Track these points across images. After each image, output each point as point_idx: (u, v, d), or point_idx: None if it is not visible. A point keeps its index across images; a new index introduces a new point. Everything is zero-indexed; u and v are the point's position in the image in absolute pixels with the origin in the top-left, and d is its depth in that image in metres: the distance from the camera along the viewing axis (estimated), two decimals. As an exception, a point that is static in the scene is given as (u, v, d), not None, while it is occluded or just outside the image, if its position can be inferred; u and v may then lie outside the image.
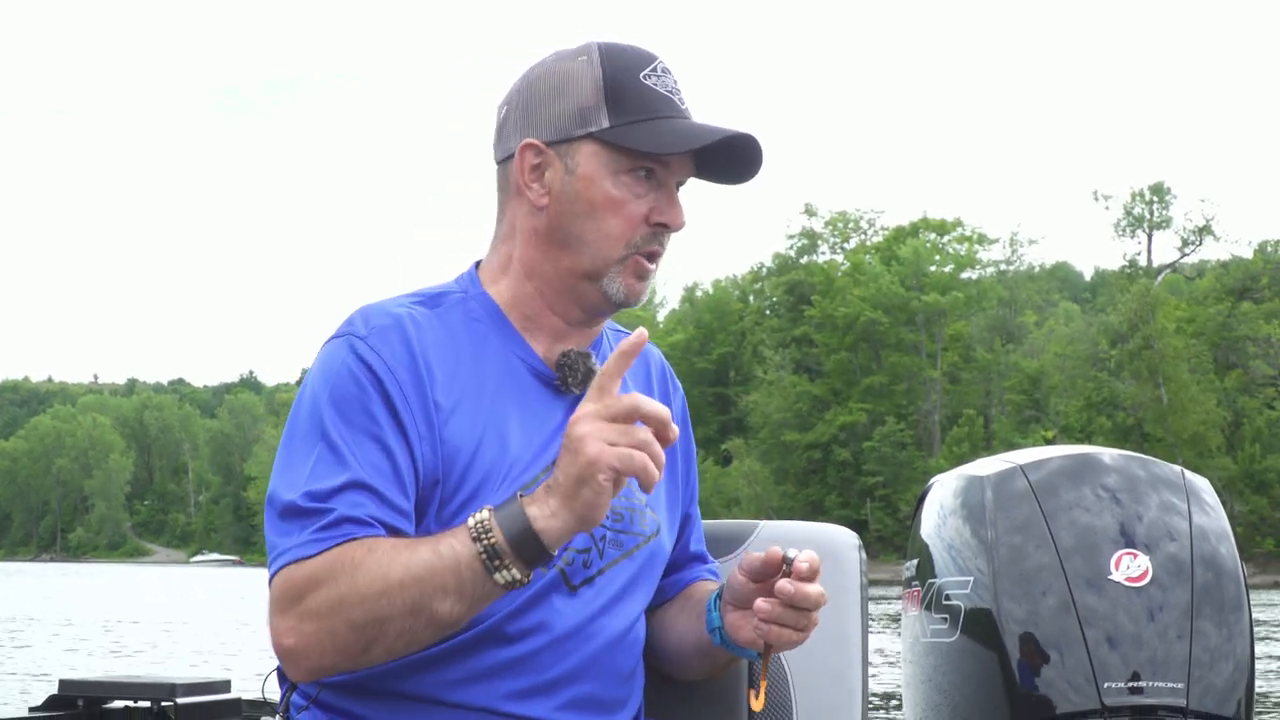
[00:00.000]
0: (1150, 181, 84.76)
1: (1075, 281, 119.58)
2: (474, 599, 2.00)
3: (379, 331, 2.17)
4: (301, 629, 2.00)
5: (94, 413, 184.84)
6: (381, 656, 2.03)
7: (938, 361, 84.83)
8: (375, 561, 1.98)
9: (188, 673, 15.16)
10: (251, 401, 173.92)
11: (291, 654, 2.03)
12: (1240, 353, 72.98)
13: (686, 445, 2.50)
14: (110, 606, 41.29)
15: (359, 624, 1.98)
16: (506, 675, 2.15)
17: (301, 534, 2.03)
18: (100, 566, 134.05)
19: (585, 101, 2.20)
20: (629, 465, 1.91)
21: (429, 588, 1.97)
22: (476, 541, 1.96)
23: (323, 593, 1.99)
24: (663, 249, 2.25)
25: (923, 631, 3.32)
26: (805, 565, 2.06)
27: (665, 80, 2.23)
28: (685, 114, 2.23)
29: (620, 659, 2.26)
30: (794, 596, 2.05)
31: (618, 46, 2.25)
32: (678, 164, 2.23)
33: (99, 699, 3.55)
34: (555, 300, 2.27)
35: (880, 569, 58.33)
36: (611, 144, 2.19)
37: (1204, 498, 3.20)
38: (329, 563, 2.00)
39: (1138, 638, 2.95)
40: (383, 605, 1.97)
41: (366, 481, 2.06)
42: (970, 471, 3.31)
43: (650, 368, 2.48)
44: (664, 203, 2.22)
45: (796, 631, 2.10)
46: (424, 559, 1.98)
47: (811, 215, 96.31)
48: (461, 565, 1.97)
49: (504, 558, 1.96)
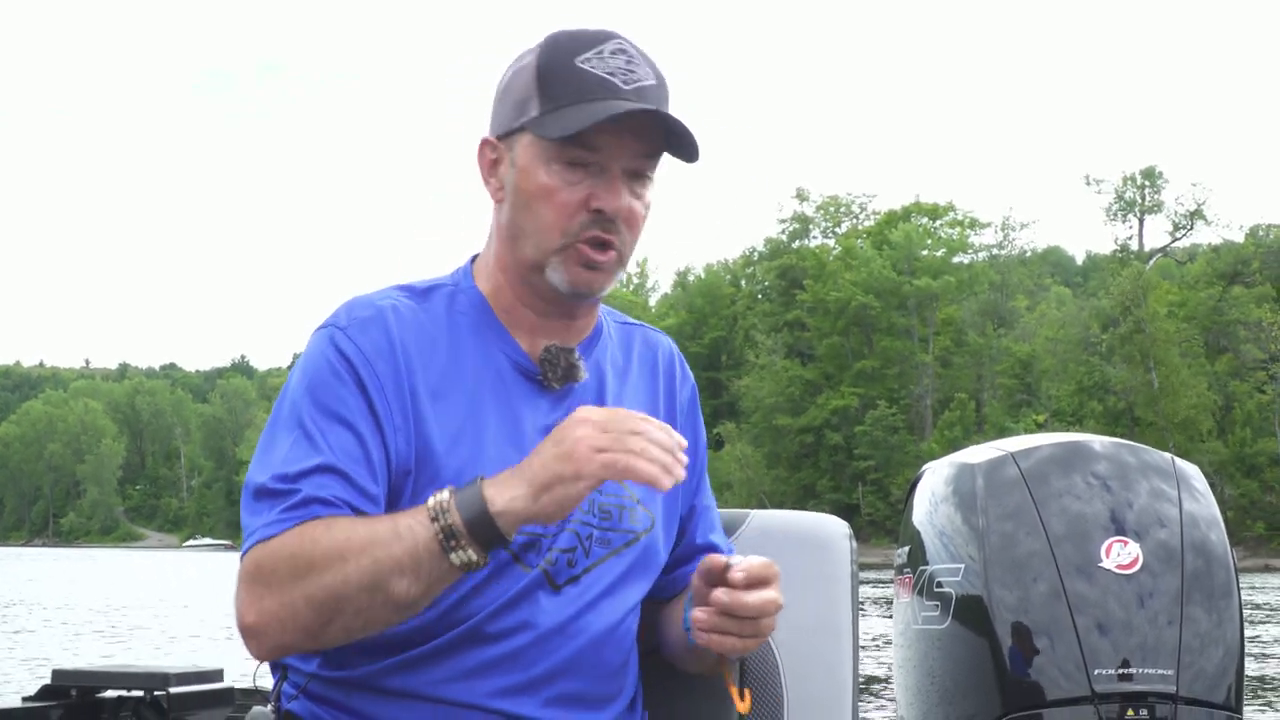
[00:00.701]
0: (1142, 166, 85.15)
1: (1067, 266, 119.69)
2: (430, 579, 1.99)
3: (359, 323, 2.18)
4: (262, 606, 2.00)
5: (86, 398, 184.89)
6: (340, 635, 2.02)
7: (929, 346, 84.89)
8: (333, 538, 1.98)
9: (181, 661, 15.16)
10: (243, 386, 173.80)
11: (252, 631, 2.02)
12: (1231, 337, 73.05)
13: (695, 436, 2.47)
14: (103, 593, 41.26)
15: (317, 600, 1.97)
16: (492, 673, 2.14)
17: (269, 514, 2.04)
18: (93, 551, 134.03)
19: (523, 93, 2.19)
20: (612, 470, 1.93)
21: (385, 566, 1.96)
22: (434, 521, 1.96)
23: (282, 569, 1.99)
24: (613, 235, 2.18)
25: (914, 618, 3.33)
26: (740, 575, 2.03)
27: (609, 61, 2.16)
28: (621, 94, 2.15)
29: (608, 655, 2.25)
30: (729, 605, 2.03)
31: (566, 33, 2.20)
32: (614, 148, 2.16)
33: (92, 689, 3.55)
34: (522, 293, 2.26)
35: (872, 553, 58.40)
36: (535, 132, 2.16)
37: (1194, 484, 3.20)
38: (290, 540, 2.00)
39: (1128, 624, 2.96)
40: (339, 582, 1.97)
41: (336, 465, 2.07)
42: (961, 459, 3.32)
43: (658, 358, 2.46)
44: (602, 188, 2.16)
45: (741, 639, 2.07)
46: (382, 537, 1.98)
47: (803, 199, 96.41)
48: (419, 545, 1.96)
49: (460, 539, 1.95)
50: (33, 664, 18.11)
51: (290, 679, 2.25)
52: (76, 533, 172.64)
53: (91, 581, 51.53)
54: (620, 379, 2.37)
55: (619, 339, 2.42)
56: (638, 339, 2.46)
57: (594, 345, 2.35)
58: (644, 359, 2.44)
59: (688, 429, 2.45)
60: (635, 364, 2.42)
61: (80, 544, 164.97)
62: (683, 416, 2.46)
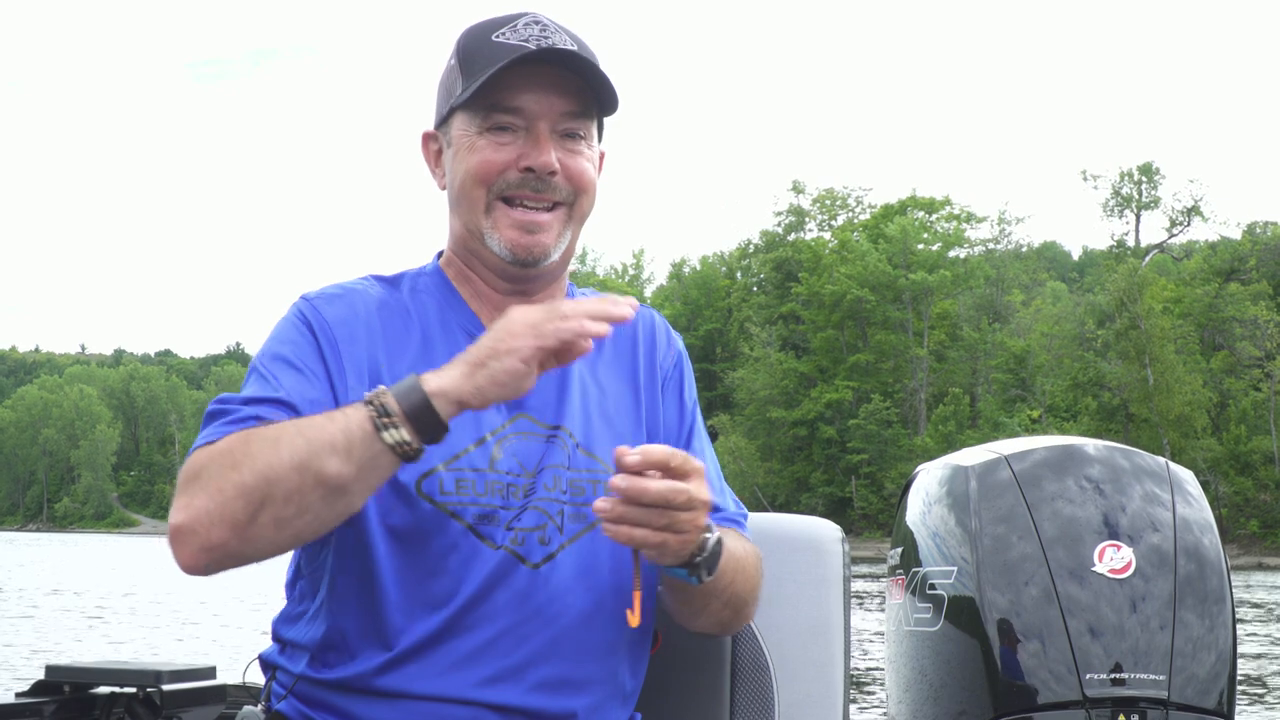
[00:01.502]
0: (1139, 162, 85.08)
1: (1063, 261, 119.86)
2: (362, 459, 1.94)
3: (327, 297, 2.26)
4: (193, 503, 1.95)
5: (81, 383, 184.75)
6: (270, 526, 1.95)
7: (924, 340, 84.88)
8: (268, 431, 1.98)
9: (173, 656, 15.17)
10: (238, 373, 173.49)
11: (180, 531, 1.96)
12: (1227, 334, 73.07)
13: (680, 402, 2.45)
14: (97, 581, 41.25)
15: (247, 486, 1.93)
16: (473, 663, 2.14)
17: (212, 428, 2.05)
18: (86, 537, 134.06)
19: (450, 79, 2.28)
20: (543, 337, 1.93)
21: (316, 445, 1.93)
22: (368, 405, 1.95)
23: (215, 464, 1.96)
24: (547, 193, 2.23)
25: (906, 619, 3.33)
26: (635, 458, 1.97)
27: (523, 31, 2.22)
28: (534, 52, 2.19)
29: (593, 635, 2.23)
30: (626, 490, 1.96)
31: (483, 20, 2.28)
32: (536, 106, 2.21)
33: (85, 685, 3.55)
34: (475, 267, 2.32)
35: (864, 546, 58.51)
36: (468, 105, 2.23)
37: (1188, 489, 3.20)
38: (231, 440, 1.99)
39: (1120, 629, 2.96)
40: (270, 463, 1.93)
41: (287, 399, 2.10)
42: (955, 461, 3.31)
43: (638, 329, 2.45)
44: (528, 147, 2.21)
45: (654, 532, 2.00)
46: (315, 421, 1.97)
47: (799, 192, 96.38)
48: (351, 424, 1.94)
49: (393, 415, 1.93)
50: (25, 657, 18.13)
51: (278, 679, 2.26)
52: (70, 518, 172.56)
53: (84, 569, 51.52)
54: (595, 351, 2.33)
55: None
56: None
57: None
58: (621, 331, 2.42)
59: (673, 391, 2.45)
60: (611, 336, 2.39)
61: (74, 529, 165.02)
62: (667, 380, 2.44)
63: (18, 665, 17.18)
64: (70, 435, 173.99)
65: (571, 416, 2.29)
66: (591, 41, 2.29)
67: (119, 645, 20.66)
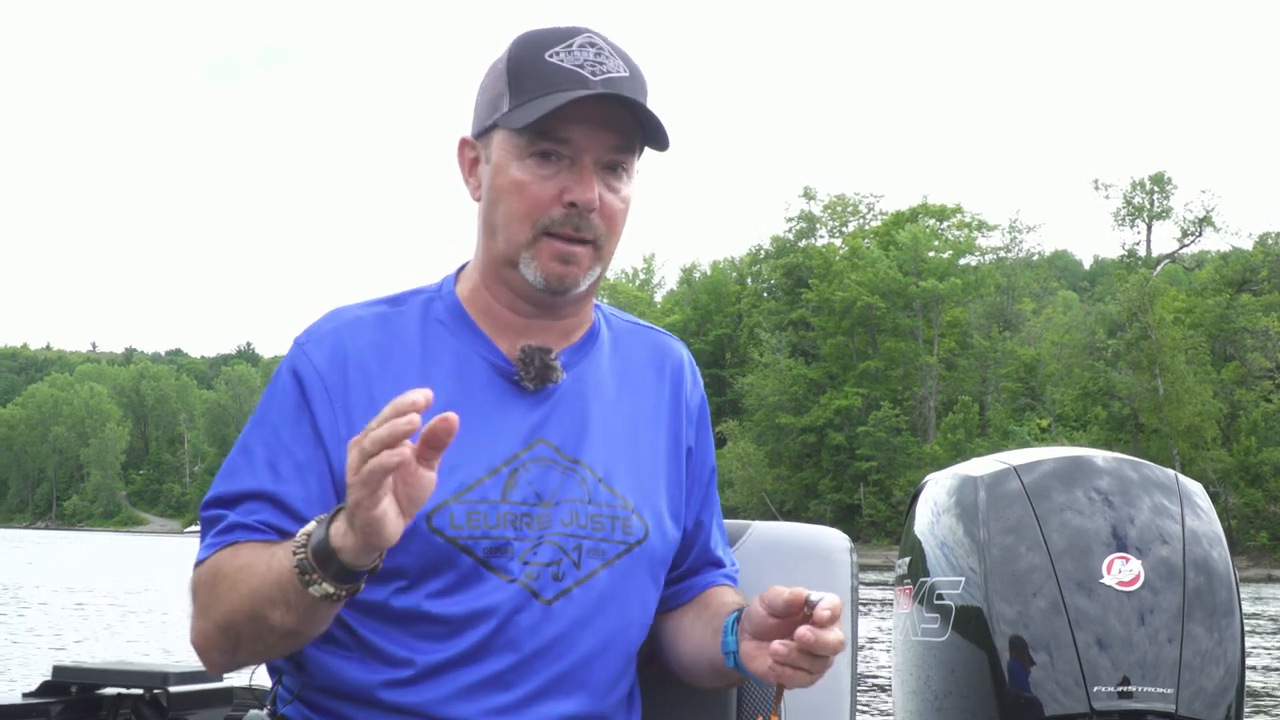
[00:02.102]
0: (1151, 171, 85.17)
1: (1074, 270, 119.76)
2: (300, 609, 1.97)
3: (317, 339, 2.23)
4: (194, 627, 2.12)
5: (91, 381, 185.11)
6: (250, 658, 2.13)
7: (934, 347, 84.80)
8: (231, 568, 2.06)
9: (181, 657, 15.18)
10: (248, 373, 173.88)
11: (195, 648, 2.14)
12: (1238, 345, 72.92)
13: (703, 448, 2.45)
14: (105, 580, 41.28)
15: (221, 626, 2.07)
16: (484, 692, 2.14)
17: (206, 538, 2.15)
18: (95, 535, 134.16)
19: (495, 90, 2.19)
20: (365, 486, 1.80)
21: (261, 599, 2.00)
22: (294, 555, 1.94)
23: (199, 596, 2.12)
24: (586, 231, 2.17)
25: (914, 629, 3.32)
26: (827, 613, 1.98)
27: (579, 54, 2.15)
28: (589, 84, 2.13)
29: (603, 671, 2.23)
30: (813, 645, 1.97)
31: (537, 30, 2.20)
32: (585, 139, 2.14)
33: (92, 685, 3.56)
34: (499, 293, 2.25)
35: (872, 554, 58.44)
36: (505, 126, 2.16)
37: (1197, 501, 3.19)
38: (209, 568, 2.10)
39: (1128, 641, 2.95)
40: (232, 612, 2.05)
41: (263, 489, 2.14)
42: (964, 471, 3.30)
43: (666, 362, 2.42)
44: (573, 181, 2.14)
45: (810, 675, 2.03)
46: (260, 570, 2.01)
47: (810, 199, 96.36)
48: (284, 578, 1.96)
49: (313, 573, 1.92)
50: (34, 656, 18.15)
51: (285, 683, 2.26)
52: (79, 516, 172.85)
53: (93, 568, 51.54)
54: (620, 383, 2.34)
55: (624, 341, 2.40)
56: (645, 342, 2.43)
57: (588, 348, 2.33)
58: (651, 362, 2.41)
59: (698, 433, 2.43)
60: (640, 367, 2.39)
61: (83, 527, 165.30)
62: (690, 424, 2.42)
63: (25, 665, 17.20)
64: (80, 433, 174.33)
65: (593, 450, 2.26)
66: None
67: (126, 645, 20.68)
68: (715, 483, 2.48)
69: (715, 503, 2.48)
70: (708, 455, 2.46)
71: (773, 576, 2.56)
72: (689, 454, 2.42)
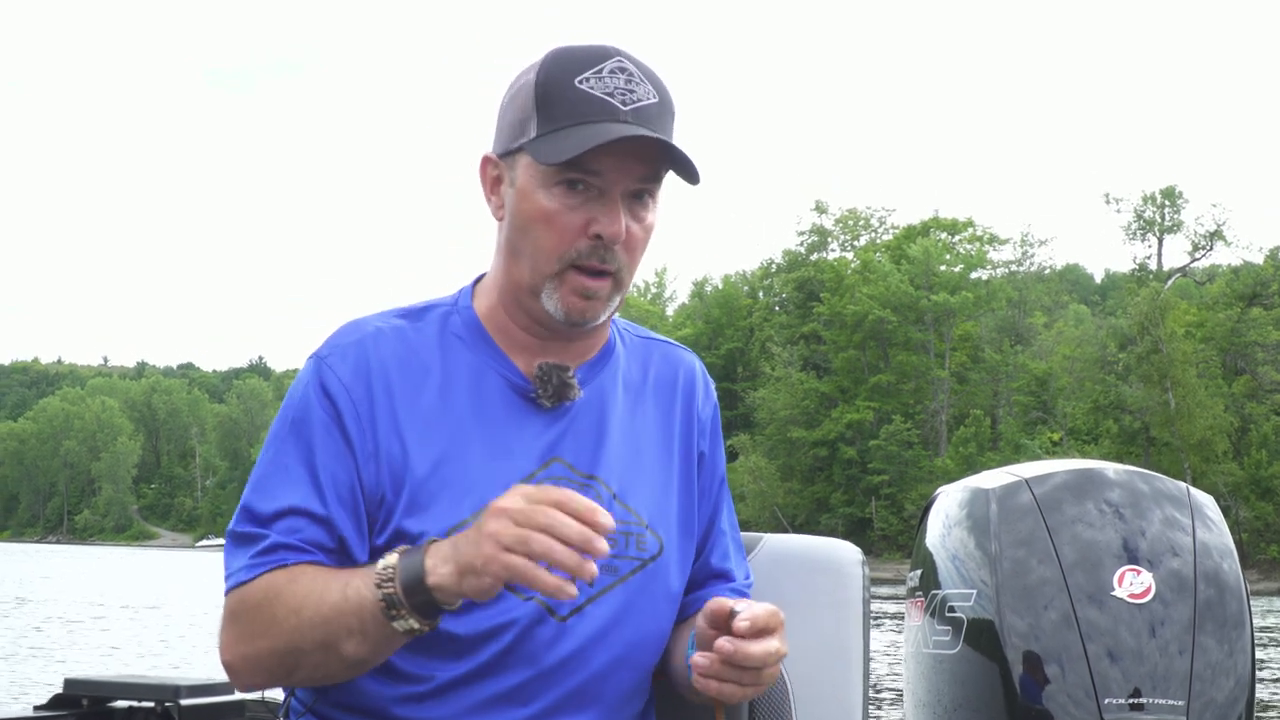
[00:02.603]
0: (1162, 185, 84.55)
1: (1085, 284, 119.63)
2: (377, 642, 2.01)
3: (340, 351, 2.19)
4: (236, 649, 2.09)
5: (103, 395, 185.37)
6: (306, 681, 2.12)
7: (946, 361, 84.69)
8: (293, 594, 2.04)
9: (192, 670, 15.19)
10: (260, 387, 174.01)
11: (229, 669, 2.12)
12: (1249, 359, 72.74)
13: (714, 459, 2.44)
14: (116, 594, 41.29)
15: (278, 652, 2.05)
16: (497, 708, 2.14)
17: (244, 558, 2.10)
18: (106, 549, 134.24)
19: (523, 113, 2.15)
20: (507, 559, 1.87)
21: (335, 628, 2.01)
22: (379, 588, 1.97)
23: (249, 619, 2.07)
24: (610, 263, 2.14)
25: (925, 641, 3.32)
26: (745, 624, 1.98)
27: (609, 81, 2.11)
28: (620, 115, 2.10)
29: (620, 686, 2.23)
30: (731, 655, 1.98)
31: (568, 50, 2.15)
32: (613, 171, 2.11)
33: (103, 698, 3.56)
34: (516, 314, 2.23)
35: (884, 568, 58.38)
36: (533, 154, 2.12)
37: (1208, 514, 3.19)
38: (260, 590, 2.07)
39: (1139, 653, 2.95)
40: (296, 639, 2.03)
41: (305, 506, 2.11)
42: (976, 484, 3.31)
43: (679, 375, 2.41)
44: (601, 213, 2.12)
45: (740, 688, 2.03)
46: (333, 599, 2.01)
47: (822, 212, 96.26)
48: (364, 609, 1.99)
49: (400, 608, 1.97)
50: (45, 670, 18.17)
51: (298, 695, 2.25)
52: (91, 530, 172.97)
53: (104, 582, 51.56)
54: (634, 398, 2.34)
55: (637, 355, 2.39)
56: (657, 355, 2.42)
57: (603, 364, 2.32)
58: (662, 376, 2.40)
59: (711, 447, 2.43)
60: (652, 382, 2.38)
61: (94, 541, 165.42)
62: (702, 436, 2.41)
63: (37, 678, 17.22)
64: (91, 447, 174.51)
65: (608, 466, 2.26)
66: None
67: (138, 659, 20.69)
68: (726, 494, 2.47)
69: (725, 515, 2.46)
70: (718, 466, 2.45)
71: (785, 589, 2.57)
72: (705, 470, 2.41)
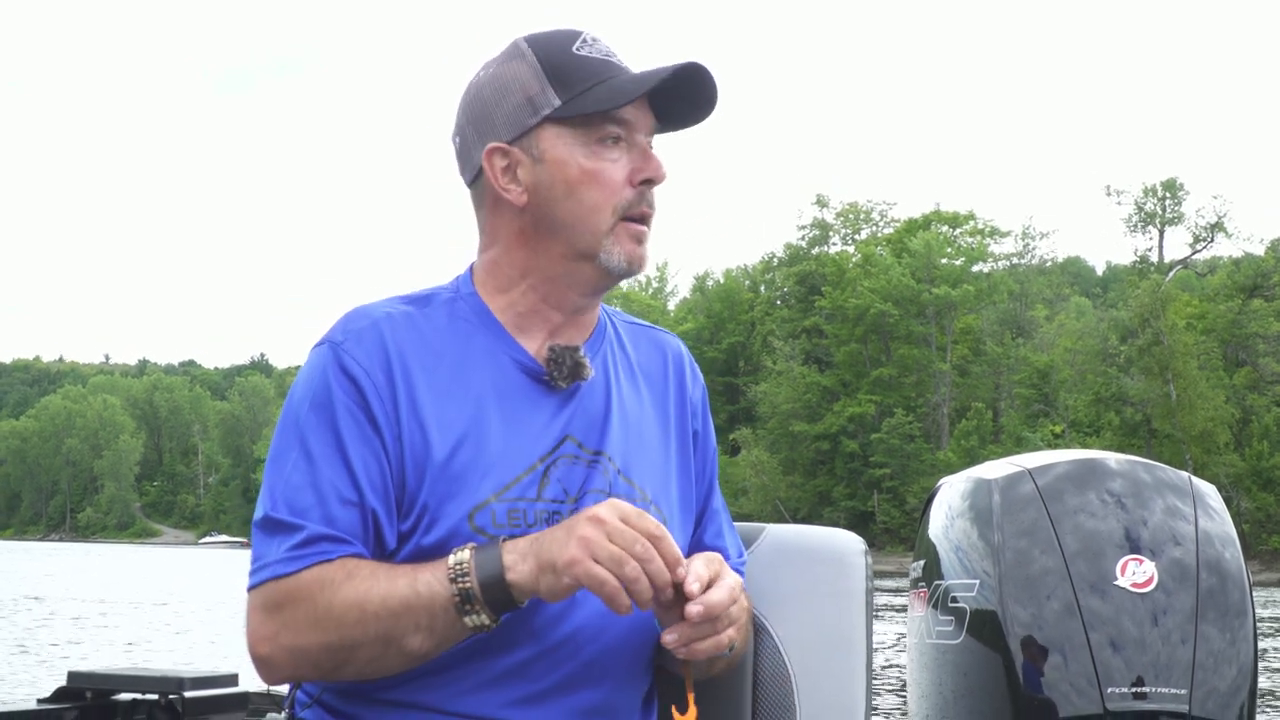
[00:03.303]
0: (1163, 177, 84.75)
1: (1087, 276, 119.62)
2: (444, 637, 2.04)
3: (355, 335, 2.19)
4: (277, 641, 2.06)
5: (105, 393, 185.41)
6: (351, 676, 2.10)
7: (947, 354, 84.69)
8: (354, 589, 2.03)
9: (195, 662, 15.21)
10: (262, 384, 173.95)
11: (265, 661, 2.09)
12: (1250, 350, 72.74)
13: (705, 436, 2.47)
14: (119, 590, 41.32)
15: (332, 646, 2.04)
16: (506, 683, 2.15)
17: (280, 549, 2.08)
18: (109, 547, 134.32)
19: (531, 90, 2.19)
20: (593, 569, 1.95)
21: (403, 622, 2.02)
22: (453, 583, 2.00)
23: (300, 612, 2.04)
24: (651, 208, 2.23)
25: (928, 632, 3.33)
26: (696, 586, 2.03)
27: (598, 46, 2.22)
28: (626, 69, 2.22)
29: (623, 663, 2.24)
30: (706, 614, 2.03)
31: (542, 33, 2.25)
32: (640, 119, 2.22)
33: (107, 691, 3.55)
34: (551, 292, 2.25)
35: (887, 561, 58.37)
36: (570, 119, 2.18)
37: (1209, 502, 3.19)
38: (309, 583, 2.05)
39: (1141, 642, 2.95)
40: (356, 633, 2.02)
41: (340, 493, 2.10)
42: (978, 474, 3.31)
43: (667, 358, 2.45)
44: (640, 160, 2.21)
45: (713, 641, 2.08)
46: (401, 593, 2.02)
47: (823, 206, 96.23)
48: (436, 604, 2.01)
49: (475, 603, 2.00)
50: (49, 664, 18.19)
51: (304, 687, 2.25)
52: (93, 528, 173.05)
53: (107, 579, 51.60)
54: (628, 378, 2.37)
55: (627, 339, 2.43)
56: (644, 339, 2.46)
57: (599, 343, 2.35)
58: (652, 359, 2.44)
59: (701, 430, 2.46)
60: (644, 363, 2.42)
61: (97, 539, 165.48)
62: (694, 418, 2.45)
63: (40, 672, 17.24)
64: (93, 445, 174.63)
65: (613, 442, 2.28)
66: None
67: (141, 653, 20.71)
68: (715, 474, 2.50)
69: (719, 494, 2.50)
70: (709, 446, 2.49)
71: (787, 579, 2.59)
72: (697, 453, 2.45)
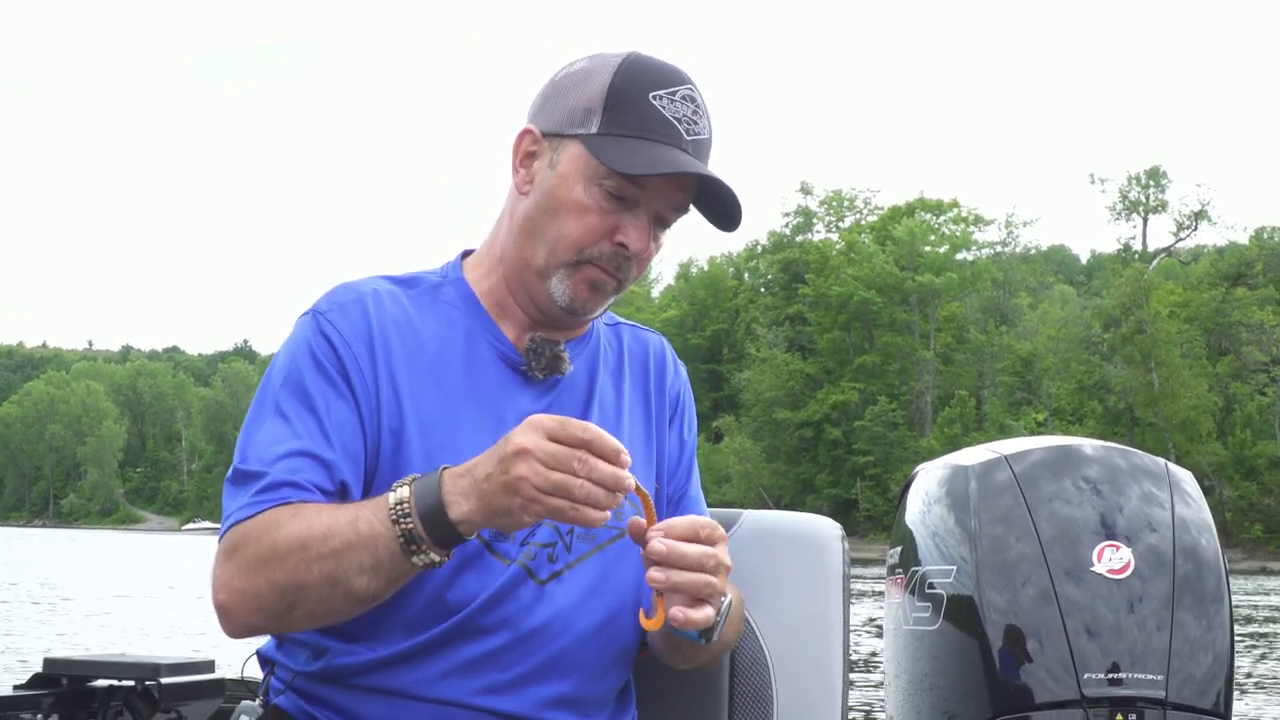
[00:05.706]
0: (1147, 166, 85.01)
1: (1071, 264, 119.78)
2: (390, 576, 2.01)
3: (340, 307, 2.21)
4: (232, 586, 2.04)
5: (88, 379, 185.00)
6: (304, 621, 2.05)
7: (931, 342, 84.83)
8: (298, 526, 2.01)
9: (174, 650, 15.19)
10: (245, 370, 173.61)
11: (223, 609, 2.07)
12: (1233, 339, 72.96)
13: (686, 428, 2.48)
14: (99, 577, 41.26)
15: (280, 586, 2.01)
16: (477, 670, 2.15)
17: (244, 496, 2.08)
18: (92, 533, 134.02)
19: (587, 103, 2.18)
20: (547, 502, 1.90)
21: (346, 563, 1.99)
22: (396, 524, 1.97)
23: (250, 551, 2.03)
24: (622, 272, 2.22)
25: (905, 618, 3.33)
26: (661, 546, 2.01)
27: (678, 107, 2.18)
28: (683, 143, 2.17)
29: (596, 655, 2.24)
30: (667, 556, 2.00)
31: (646, 61, 2.21)
32: (656, 191, 2.18)
33: (84, 677, 3.55)
34: (516, 291, 2.27)
35: (869, 548, 58.44)
36: (592, 151, 2.16)
37: (1186, 489, 3.20)
38: (260, 524, 2.04)
39: (1117, 629, 2.95)
40: (301, 572, 1.99)
41: (309, 449, 2.10)
42: (955, 461, 3.31)
43: (649, 355, 2.47)
44: (630, 225, 2.19)
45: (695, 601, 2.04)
46: (343, 534, 1.99)
47: (807, 193, 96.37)
48: (379, 544, 1.98)
49: (421, 543, 1.97)
50: (25, 650, 18.14)
51: (277, 673, 2.26)
52: (76, 514, 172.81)
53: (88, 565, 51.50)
54: (613, 377, 2.39)
55: (609, 339, 2.45)
56: (628, 337, 2.48)
57: (585, 343, 2.37)
58: (635, 356, 2.45)
59: (678, 424, 2.47)
60: (626, 363, 2.44)
61: (80, 525, 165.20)
62: (674, 410, 2.46)
63: (17, 658, 17.19)
64: (77, 431, 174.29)
65: None
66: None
67: (118, 639, 20.67)
68: (695, 467, 2.51)
69: (697, 483, 2.50)
70: (689, 443, 2.50)
71: (765, 565, 2.59)
72: (671, 445, 2.46)
